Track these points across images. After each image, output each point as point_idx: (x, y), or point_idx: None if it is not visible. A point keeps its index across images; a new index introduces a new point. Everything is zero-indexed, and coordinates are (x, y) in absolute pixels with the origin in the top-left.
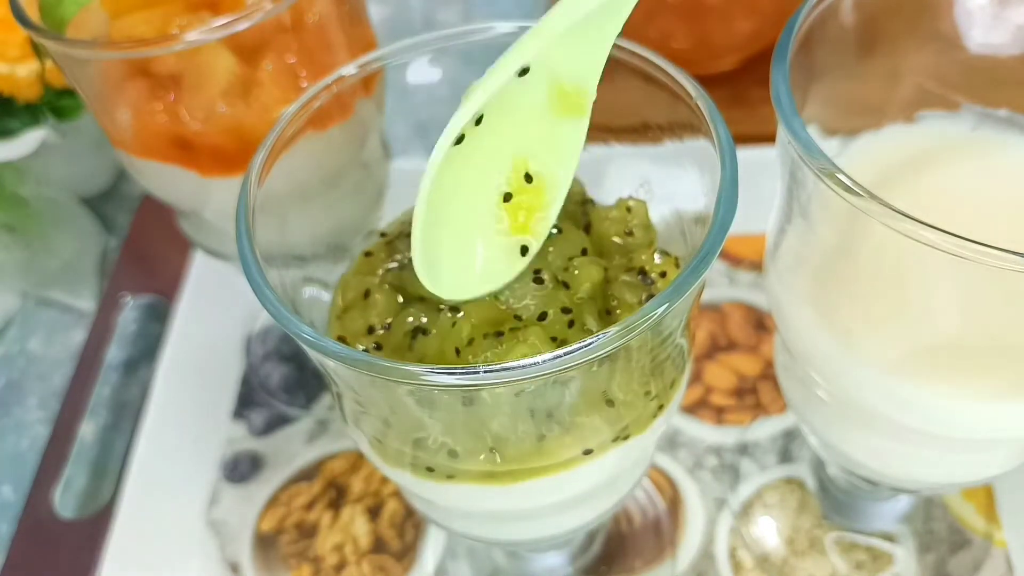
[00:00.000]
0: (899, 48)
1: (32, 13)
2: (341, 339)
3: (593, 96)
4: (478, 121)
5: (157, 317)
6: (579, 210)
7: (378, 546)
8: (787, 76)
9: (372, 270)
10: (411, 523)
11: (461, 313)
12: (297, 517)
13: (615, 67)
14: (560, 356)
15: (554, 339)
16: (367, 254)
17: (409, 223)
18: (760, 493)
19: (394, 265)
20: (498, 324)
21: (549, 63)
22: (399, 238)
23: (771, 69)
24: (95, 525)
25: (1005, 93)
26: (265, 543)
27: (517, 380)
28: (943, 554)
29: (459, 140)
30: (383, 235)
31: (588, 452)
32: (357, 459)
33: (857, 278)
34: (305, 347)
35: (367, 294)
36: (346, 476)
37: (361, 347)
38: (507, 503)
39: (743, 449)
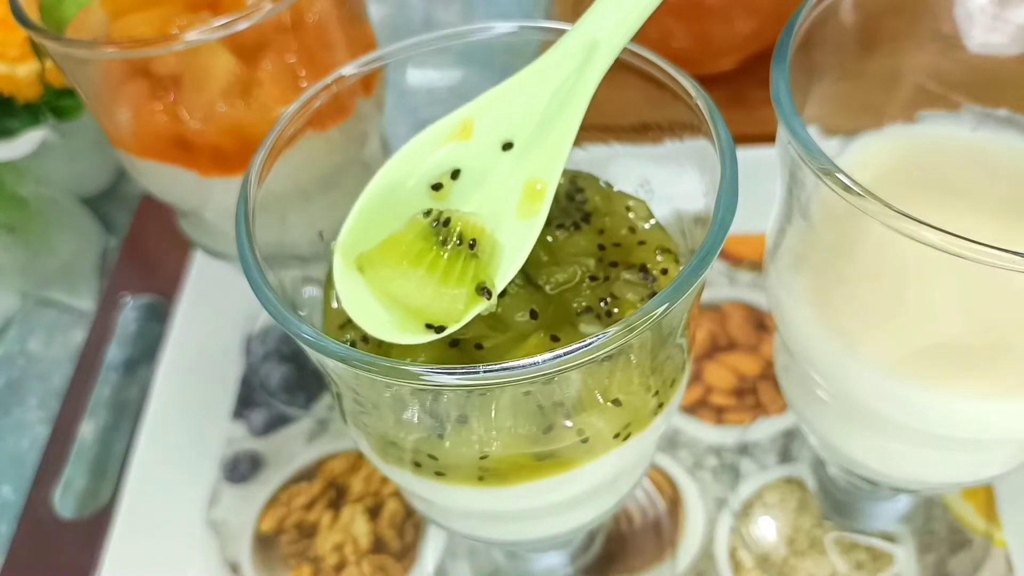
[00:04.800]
0: (899, 48)
1: (32, 13)
2: (337, 327)
3: (549, 200)
4: (455, 175)
5: (157, 317)
6: (572, 205)
7: (378, 546)
8: (787, 76)
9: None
10: (411, 523)
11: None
12: (297, 517)
13: (615, 67)
14: (560, 356)
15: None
16: None
17: None
18: (760, 493)
19: None
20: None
21: (528, 149)
22: None
23: (771, 69)
24: (95, 525)
25: (1005, 93)
26: (265, 543)
27: (517, 380)
28: (943, 554)
29: (436, 187)
30: None
31: (588, 450)
32: (357, 459)
33: (857, 278)
34: (305, 347)
35: None
36: (346, 476)
37: (348, 336)
38: (507, 503)
39: (743, 449)
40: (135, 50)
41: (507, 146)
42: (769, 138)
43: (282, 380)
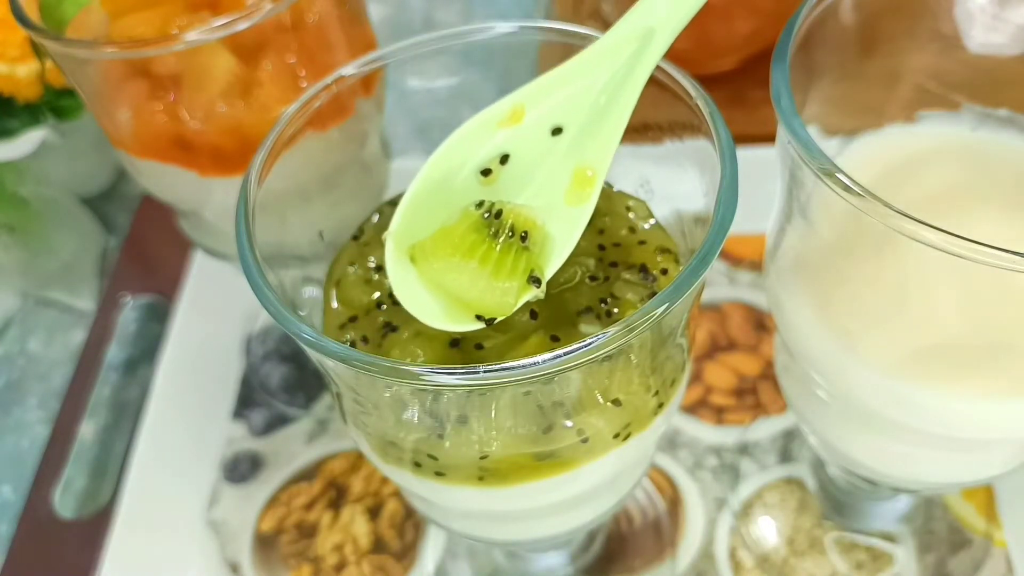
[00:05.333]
0: (899, 48)
1: (32, 13)
2: (337, 327)
3: (599, 187)
4: (504, 160)
5: (157, 317)
6: None
7: (378, 546)
8: (787, 76)
9: (355, 257)
10: (411, 523)
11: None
12: (297, 517)
13: None
14: (560, 356)
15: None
16: (355, 237)
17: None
18: (760, 493)
19: (372, 262)
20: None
21: (579, 129)
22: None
23: (771, 69)
24: (95, 525)
25: (1005, 93)
26: (265, 543)
27: (517, 380)
28: (943, 554)
29: (485, 172)
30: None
31: (588, 450)
32: (357, 459)
33: (857, 278)
34: (305, 347)
35: (338, 282)
36: (346, 476)
37: (348, 336)
38: (507, 503)
39: (743, 449)
40: (135, 50)
41: (556, 131)
42: (769, 138)
43: (282, 380)
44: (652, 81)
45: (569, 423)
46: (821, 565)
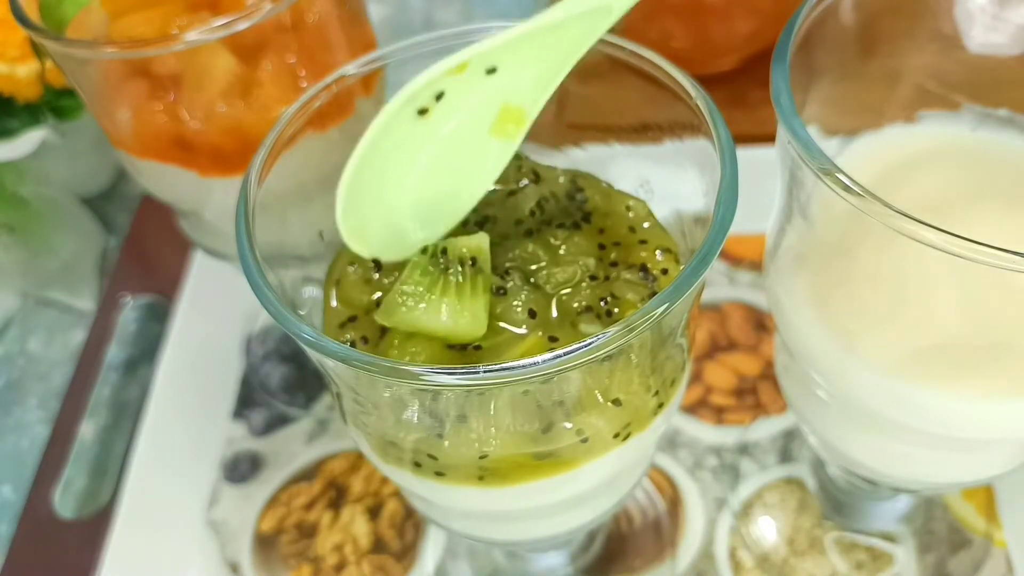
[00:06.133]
0: (899, 48)
1: (32, 13)
2: (335, 326)
3: (528, 126)
4: (439, 97)
5: (157, 317)
6: (572, 205)
7: (378, 546)
8: (787, 76)
9: (355, 257)
10: (411, 523)
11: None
12: (297, 517)
13: (615, 67)
14: (560, 356)
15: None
16: None
17: None
18: (760, 493)
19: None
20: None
21: (514, 71)
22: None
23: (771, 69)
24: (95, 525)
25: (1005, 93)
26: (265, 543)
27: (517, 380)
28: (943, 554)
29: (422, 112)
30: None
31: (588, 450)
32: (357, 459)
33: (857, 278)
34: (305, 347)
35: (338, 282)
36: (346, 476)
37: (348, 336)
38: (507, 503)
39: (743, 449)
40: (135, 50)
41: (491, 71)
42: (769, 138)
43: (282, 380)
44: (652, 81)
45: (569, 423)
46: (821, 565)
